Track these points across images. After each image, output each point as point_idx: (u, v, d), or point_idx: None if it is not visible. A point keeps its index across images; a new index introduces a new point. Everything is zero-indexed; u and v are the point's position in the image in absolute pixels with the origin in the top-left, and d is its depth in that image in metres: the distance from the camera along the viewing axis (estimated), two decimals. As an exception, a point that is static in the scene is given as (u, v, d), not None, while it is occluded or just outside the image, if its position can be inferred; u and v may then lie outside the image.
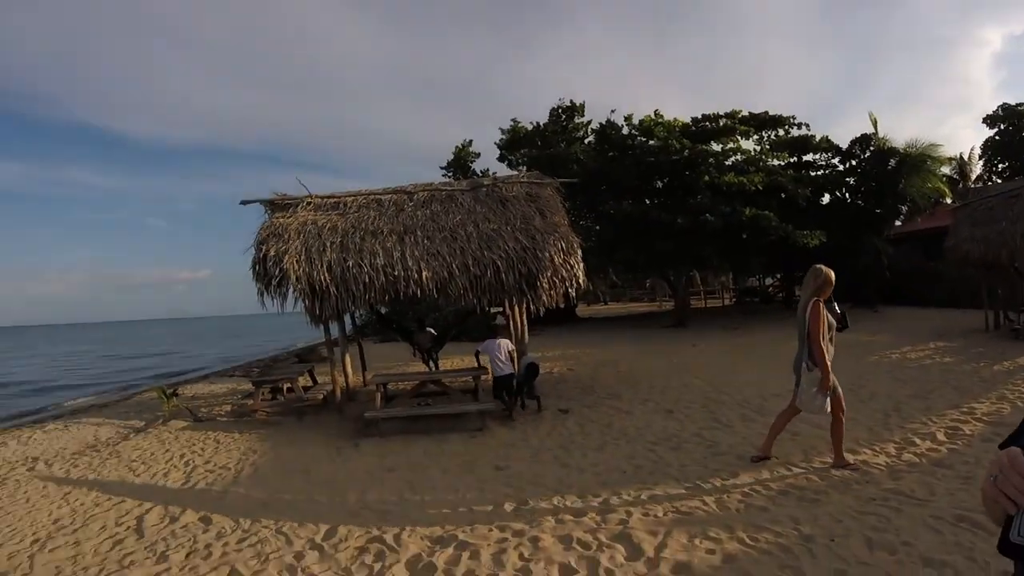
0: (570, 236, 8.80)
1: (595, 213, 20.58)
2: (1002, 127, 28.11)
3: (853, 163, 20.68)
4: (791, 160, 20.81)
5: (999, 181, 25.24)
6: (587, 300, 35.65)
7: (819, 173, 20.74)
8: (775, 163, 19.90)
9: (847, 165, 20.90)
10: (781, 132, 21.19)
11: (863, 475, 4.65)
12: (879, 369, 9.22)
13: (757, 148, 20.63)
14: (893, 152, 19.20)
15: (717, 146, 19.53)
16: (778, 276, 27.35)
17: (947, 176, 22.67)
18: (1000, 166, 28.41)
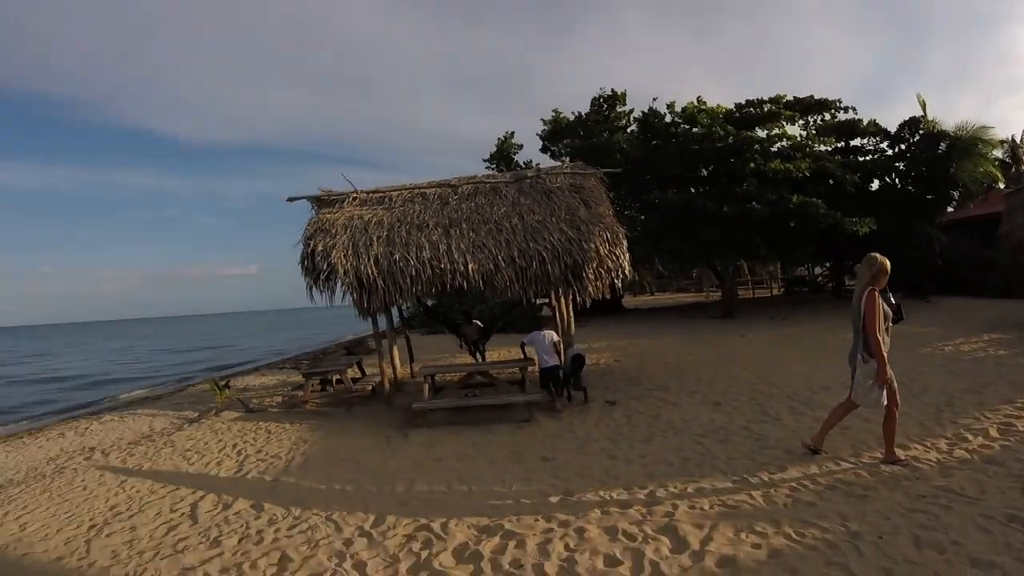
0: (615, 226, 8.80)
1: (640, 202, 20.41)
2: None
3: (902, 147, 19.86)
4: (838, 145, 20.10)
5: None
6: (633, 291, 35.47)
7: (867, 158, 19.95)
8: (822, 148, 19.28)
9: (896, 150, 20.08)
10: (827, 116, 20.48)
11: (913, 471, 4.60)
12: (932, 362, 9.02)
13: (803, 133, 20.08)
14: (943, 135, 18.41)
15: (762, 132, 19.10)
16: (827, 265, 26.56)
17: (999, 160, 21.59)
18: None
